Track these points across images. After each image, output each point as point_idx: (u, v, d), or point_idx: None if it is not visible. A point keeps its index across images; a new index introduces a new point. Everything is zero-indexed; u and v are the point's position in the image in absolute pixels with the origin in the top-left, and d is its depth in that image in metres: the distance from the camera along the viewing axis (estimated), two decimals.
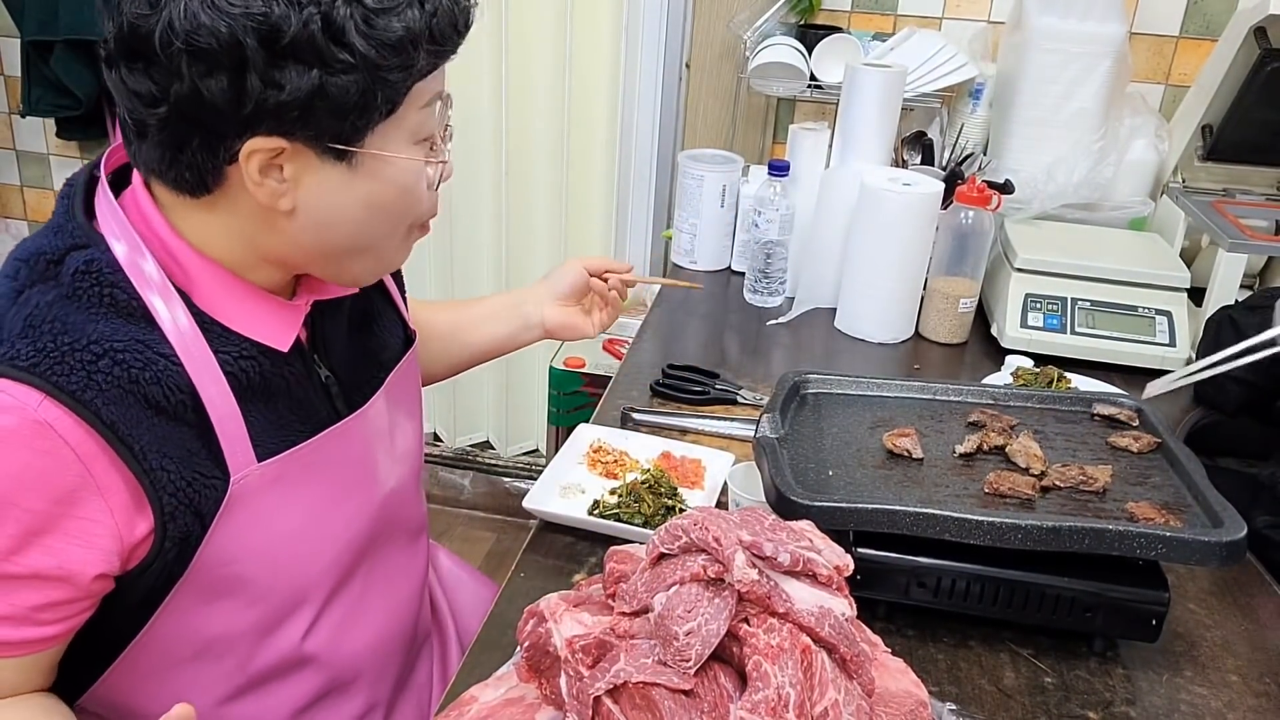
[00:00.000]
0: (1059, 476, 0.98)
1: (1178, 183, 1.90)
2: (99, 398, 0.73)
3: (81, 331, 0.74)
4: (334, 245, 0.83)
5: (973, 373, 1.54)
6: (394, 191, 0.81)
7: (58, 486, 0.73)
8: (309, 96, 0.72)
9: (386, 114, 0.77)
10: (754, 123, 2.25)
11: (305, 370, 0.89)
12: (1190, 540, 0.87)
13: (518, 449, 2.71)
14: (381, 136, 0.78)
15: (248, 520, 0.82)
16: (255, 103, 0.72)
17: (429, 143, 0.83)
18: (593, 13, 2.22)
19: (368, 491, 0.94)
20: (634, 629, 0.73)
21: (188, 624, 0.83)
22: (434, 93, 0.81)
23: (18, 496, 0.72)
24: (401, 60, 0.75)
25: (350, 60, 0.72)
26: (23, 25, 2.34)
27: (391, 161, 0.80)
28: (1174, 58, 2.01)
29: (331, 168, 0.78)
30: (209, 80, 0.71)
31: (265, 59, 0.71)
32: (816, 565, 0.73)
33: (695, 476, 1.18)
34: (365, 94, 0.74)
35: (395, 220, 0.84)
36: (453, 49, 0.80)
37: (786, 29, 2.07)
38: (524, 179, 2.38)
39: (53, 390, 0.72)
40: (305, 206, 0.79)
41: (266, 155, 0.75)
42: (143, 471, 0.75)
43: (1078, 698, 0.90)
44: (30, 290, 0.76)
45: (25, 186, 2.81)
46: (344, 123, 0.75)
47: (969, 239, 1.57)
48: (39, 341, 0.73)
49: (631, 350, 1.58)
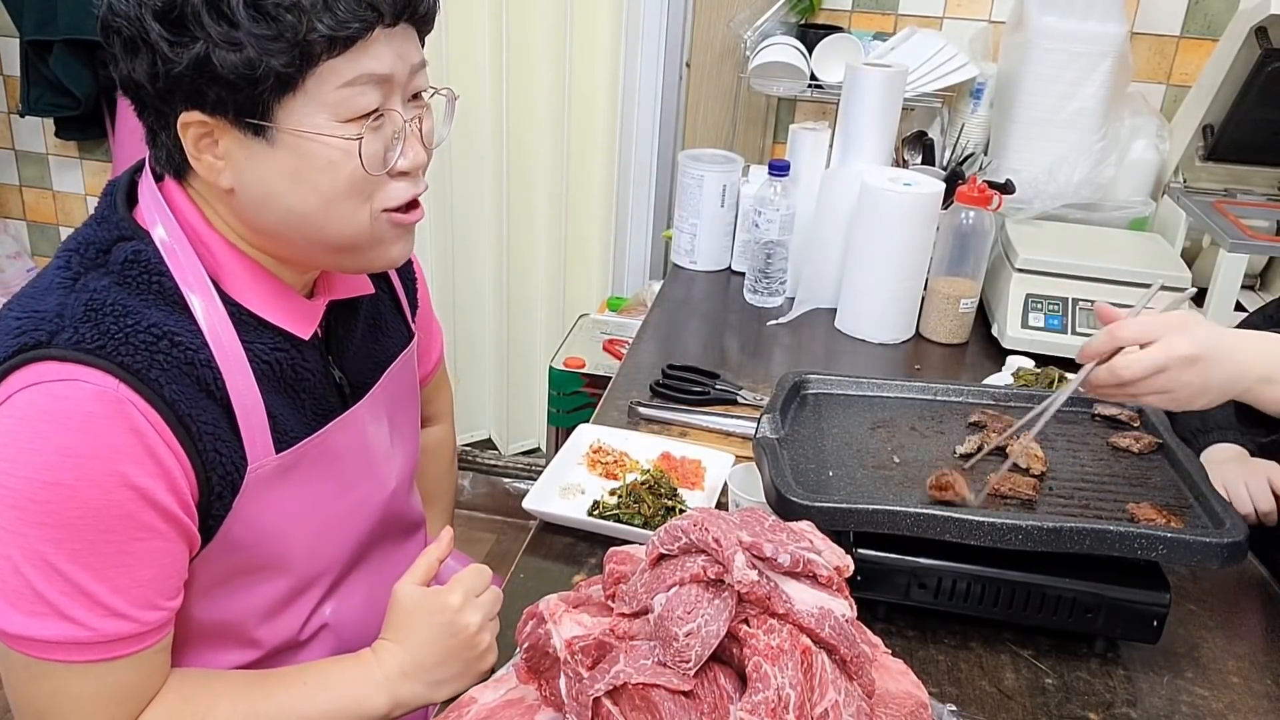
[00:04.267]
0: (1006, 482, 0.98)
1: (1179, 183, 1.90)
2: (162, 376, 0.77)
3: (141, 315, 0.78)
4: (278, 225, 0.83)
5: (973, 373, 1.54)
6: (318, 166, 0.79)
7: (149, 458, 0.75)
8: (198, 69, 0.74)
9: (286, 88, 0.76)
10: (754, 122, 2.25)
11: (324, 368, 0.92)
12: (1191, 541, 0.87)
13: (518, 448, 2.71)
14: (294, 112, 0.77)
15: (261, 507, 0.85)
16: (164, 77, 0.75)
17: (366, 121, 0.80)
18: (593, 13, 2.22)
19: (371, 484, 0.98)
20: (634, 630, 0.73)
21: (200, 606, 0.86)
22: (362, 73, 0.78)
23: (126, 474, 0.74)
24: (285, 34, 0.74)
25: (234, 33, 0.73)
26: (21, 25, 2.34)
27: (311, 138, 0.78)
28: (1175, 58, 2.01)
29: (253, 143, 0.78)
30: (135, 60, 0.76)
31: (163, 34, 0.74)
32: (817, 566, 0.73)
33: (695, 477, 1.18)
34: (251, 65, 0.74)
35: (334, 199, 0.81)
36: (364, 26, 0.76)
37: (787, 29, 2.07)
38: (524, 179, 2.38)
39: (120, 371, 0.75)
40: (240, 183, 0.81)
41: (198, 129, 0.78)
42: (197, 453, 0.78)
43: (1078, 699, 0.90)
44: (85, 277, 0.79)
45: (24, 186, 2.80)
46: (241, 95, 0.75)
47: (970, 239, 1.57)
48: (102, 324, 0.76)
49: (631, 350, 1.58)
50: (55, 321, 0.76)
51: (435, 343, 1.23)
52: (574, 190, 2.39)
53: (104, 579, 0.75)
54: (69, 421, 0.72)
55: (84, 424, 0.73)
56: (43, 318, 0.77)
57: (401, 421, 1.05)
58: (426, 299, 1.17)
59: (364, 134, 0.80)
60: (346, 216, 0.83)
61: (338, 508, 0.93)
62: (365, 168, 0.81)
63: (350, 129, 0.79)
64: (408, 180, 0.86)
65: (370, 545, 1.01)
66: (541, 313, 2.53)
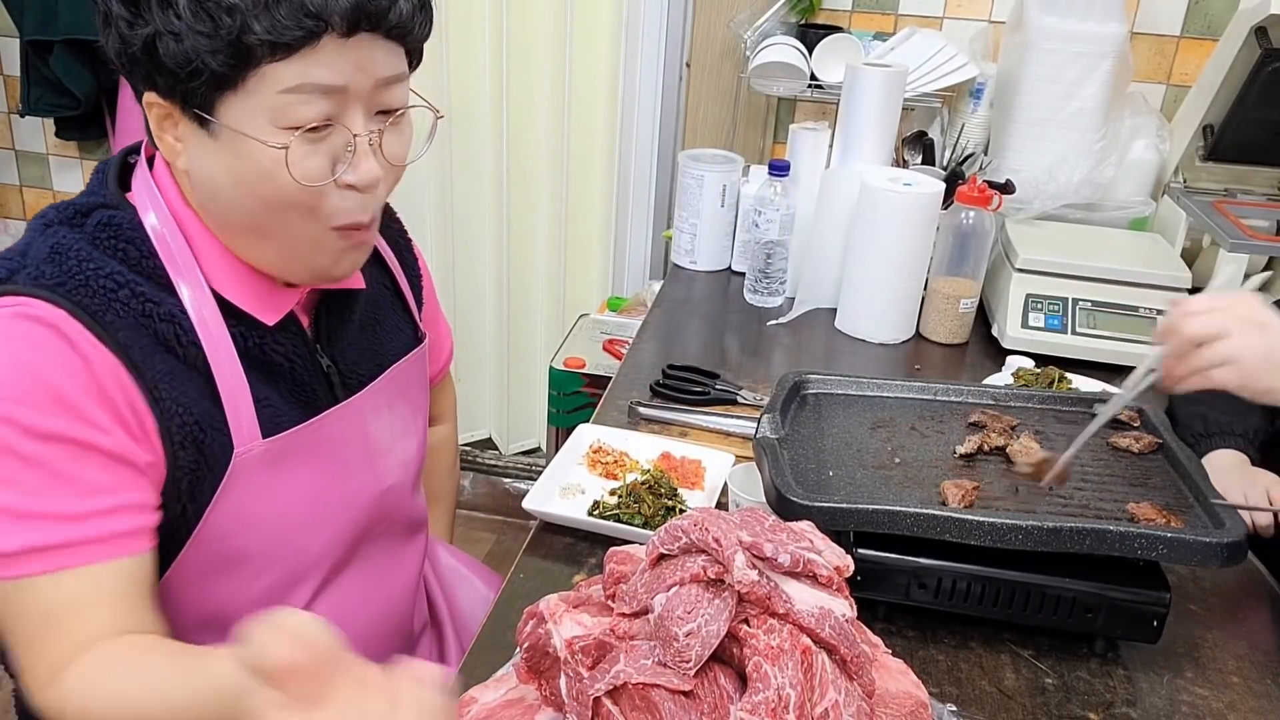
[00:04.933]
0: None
1: (1179, 183, 1.90)
2: (116, 321, 0.79)
3: (104, 263, 0.80)
4: (228, 219, 0.84)
5: (973, 373, 1.54)
6: (253, 170, 0.78)
7: (83, 382, 0.77)
8: (146, 51, 0.76)
9: (225, 84, 0.75)
10: (754, 122, 2.25)
11: (309, 357, 0.92)
12: (1191, 541, 0.87)
13: (518, 447, 2.71)
14: (234, 110, 0.77)
15: (249, 494, 0.85)
16: (123, 55, 0.78)
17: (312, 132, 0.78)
18: (593, 13, 2.22)
19: (366, 477, 0.97)
20: (634, 630, 0.73)
21: (192, 595, 0.86)
22: (304, 81, 0.76)
23: (60, 391, 0.76)
24: (222, 31, 0.73)
25: (177, 23, 0.74)
26: (22, 25, 2.34)
27: (246, 139, 0.77)
28: (1175, 58, 2.01)
29: (200, 133, 0.79)
30: (107, 34, 0.79)
31: (122, 12, 0.76)
32: (817, 566, 0.73)
33: (695, 477, 1.18)
34: (189, 57, 0.74)
35: (272, 206, 0.80)
36: (308, 33, 0.74)
37: (787, 29, 2.07)
38: (524, 179, 2.38)
39: (74, 309, 0.77)
40: (193, 169, 0.82)
41: (159, 111, 0.80)
42: (153, 400, 0.80)
43: (1078, 699, 0.90)
44: (56, 227, 0.83)
45: (24, 186, 2.80)
46: (181, 85, 0.76)
47: (970, 239, 1.57)
48: (64, 264, 0.79)
49: (631, 350, 1.58)
50: (18, 260, 0.80)
51: (445, 344, 1.23)
52: (574, 190, 2.39)
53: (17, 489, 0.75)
54: (11, 340, 0.76)
55: (26, 343, 0.76)
56: (8, 257, 0.81)
57: (408, 418, 1.04)
58: (433, 297, 1.17)
59: (290, 144, 0.77)
60: (289, 225, 0.82)
61: (330, 498, 0.93)
62: (295, 178, 0.78)
63: (284, 138, 0.77)
64: (358, 196, 0.83)
65: (364, 540, 1.00)
66: (541, 313, 2.53)
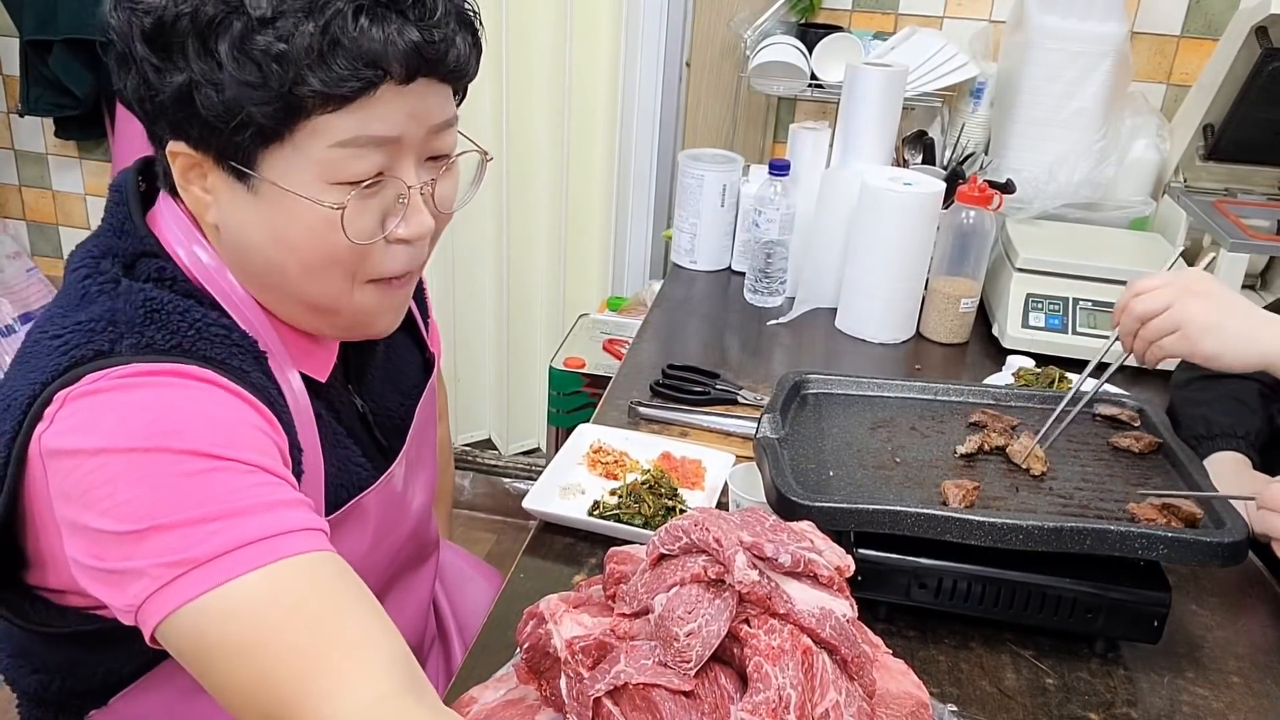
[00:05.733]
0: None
1: (1179, 182, 1.90)
2: (244, 364, 0.73)
3: (201, 312, 0.73)
4: (257, 274, 0.77)
5: (974, 373, 1.54)
6: (300, 230, 0.73)
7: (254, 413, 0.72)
8: (180, 100, 0.69)
9: (266, 139, 0.70)
10: (754, 122, 2.24)
11: (348, 401, 0.89)
12: (1192, 541, 0.87)
13: (518, 447, 2.71)
14: (278, 163, 0.71)
15: None
16: (150, 102, 0.71)
17: (358, 186, 0.72)
18: (593, 12, 2.21)
19: (403, 525, 0.97)
20: (634, 630, 0.73)
21: None
22: (358, 134, 0.70)
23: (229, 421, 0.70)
24: (270, 82, 0.67)
25: (215, 73, 0.67)
26: (21, 24, 2.34)
27: (293, 197, 0.71)
28: (1175, 57, 2.01)
29: (237, 186, 0.72)
30: (126, 76, 0.72)
31: (150, 58, 0.69)
32: (817, 566, 0.73)
33: (695, 477, 1.18)
34: (230, 109, 0.68)
35: (314, 266, 0.75)
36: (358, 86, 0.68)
37: (787, 28, 2.07)
38: (524, 179, 2.38)
39: (202, 363, 0.70)
40: (224, 224, 0.75)
41: (186, 160, 0.73)
42: (286, 437, 0.75)
43: (1079, 699, 0.90)
44: (126, 281, 0.74)
45: (24, 186, 2.80)
46: (219, 138, 0.70)
47: (970, 239, 1.57)
48: (169, 325, 0.71)
49: (631, 350, 1.58)
50: (111, 330, 0.69)
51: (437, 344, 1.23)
52: (574, 190, 2.39)
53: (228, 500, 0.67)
54: (157, 386, 0.67)
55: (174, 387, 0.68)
56: (93, 328, 0.69)
57: (424, 455, 1.02)
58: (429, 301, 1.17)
59: (348, 203, 0.72)
60: (329, 283, 0.77)
61: (369, 560, 0.92)
62: (350, 238, 0.73)
63: (336, 194, 0.71)
64: (407, 249, 0.78)
65: (395, 578, 1.00)
66: (541, 313, 2.53)
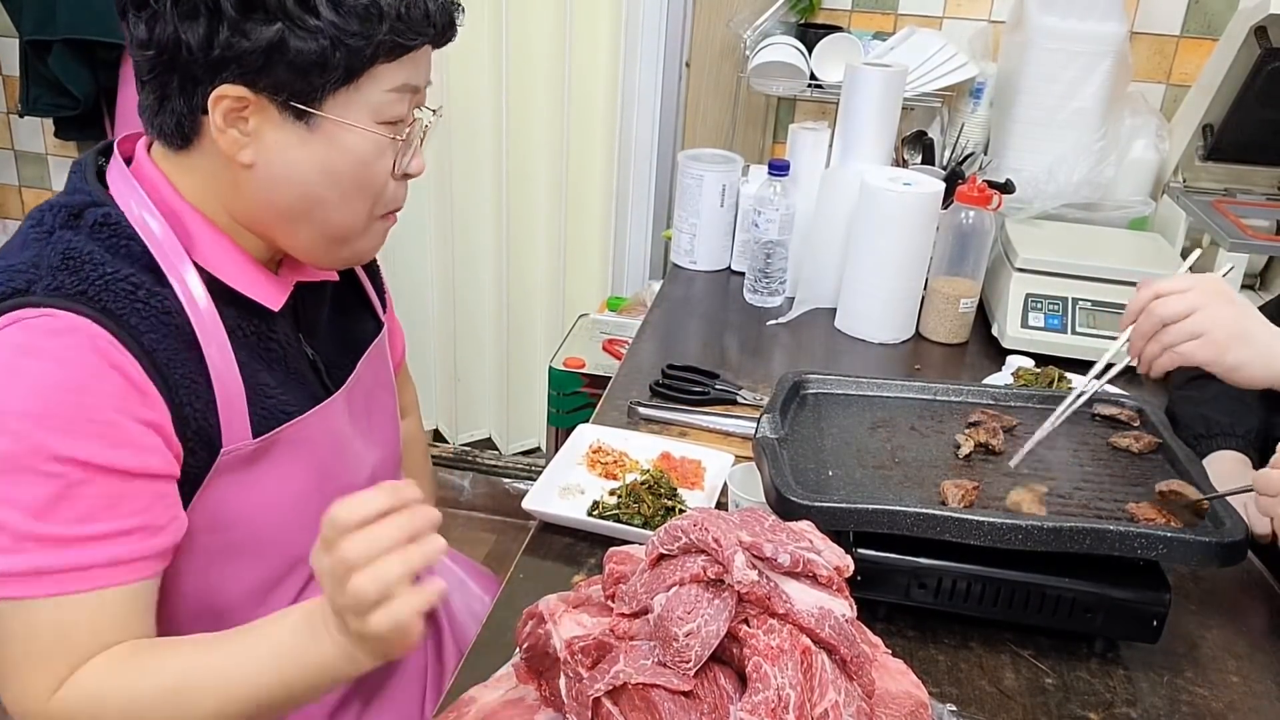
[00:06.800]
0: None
1: (1179, 182, 1.90)
2: (141, 324, 0.78)
3: (117, 265, 0.80)
4: (289, 207, 0.85)
5: (973, 373, 1.54)
6: (349, 160, 0.84)
7: (115, 397, 0.76)
8: (270, 49, 0.77)
9: (344, 81, 0.81)
10: (754, 122, 2.24)
11: (298, 346, 0.94)
12: (1191, 541, 0.87)
13: (518, 448, 2.71)
14: (341, 104, 0.82)
15: (235, 489, 0.86)
16: (222, 48, 0.77)
17: (395, 127, 0.86)
18: (593, 12, 2.21)
19: (350, 475, 0.99)
20: (633, 630, 0.73)
21: (187, 584, 0.87)
22: (405, 82, 0.85)
23: (90, 409, 0.75)
24: (363, 30, 0.79)
25: (314, 22, 0.77)
26: (21, 25, 2.34)
27: (349, 130, 0.83)
28: (1175, 57, 2.01)
29: (291, 125, 0.82)
30: (187, 25, 0.77)
31: (237, 7, 0.76)
32: (816, 566, 0.73)
33: (695, 477, 1.18)
34: (324, 55, 0.78)
35: (350, 192, 0.86)
36: (422, 39, 0.84)
37: (786, 28, 2.07)
38: (524, 179, 2.38)
39: (100, 316, 0.76)
40: (263, 161, 0.83)
41: (232, 103, 0.80)
42: (174, 405, 0.80)
43: (1078, 699, 0.90)
44: (59, 232, 0.81)
45: (23, 186, 2.80)
46: (302, 80, 0.79)
47: (970, 239, 1.57)
48: (81, 272, 0.78)
49: (631, 350, 1.58)
50: (32, 271, 0.78)
51: (399, 337, 1.24)
52: (574, 190, 2.39)
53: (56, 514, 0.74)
54: (42, 354, 0.74)
55: (57, 357, 0.74)
56: (18, 269, 0.78)
57: (378, 414, 1.06)
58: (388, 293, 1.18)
59: (402, 136, 0.86)
60: (354, 211, 0.88)
61: (315, 496, 0.93)
62: (394, 169, 0.88)
63: (383, 130, 0.85)
64: (403, 186, 0.91)
65: None
66: (541, 313, 2.53)
